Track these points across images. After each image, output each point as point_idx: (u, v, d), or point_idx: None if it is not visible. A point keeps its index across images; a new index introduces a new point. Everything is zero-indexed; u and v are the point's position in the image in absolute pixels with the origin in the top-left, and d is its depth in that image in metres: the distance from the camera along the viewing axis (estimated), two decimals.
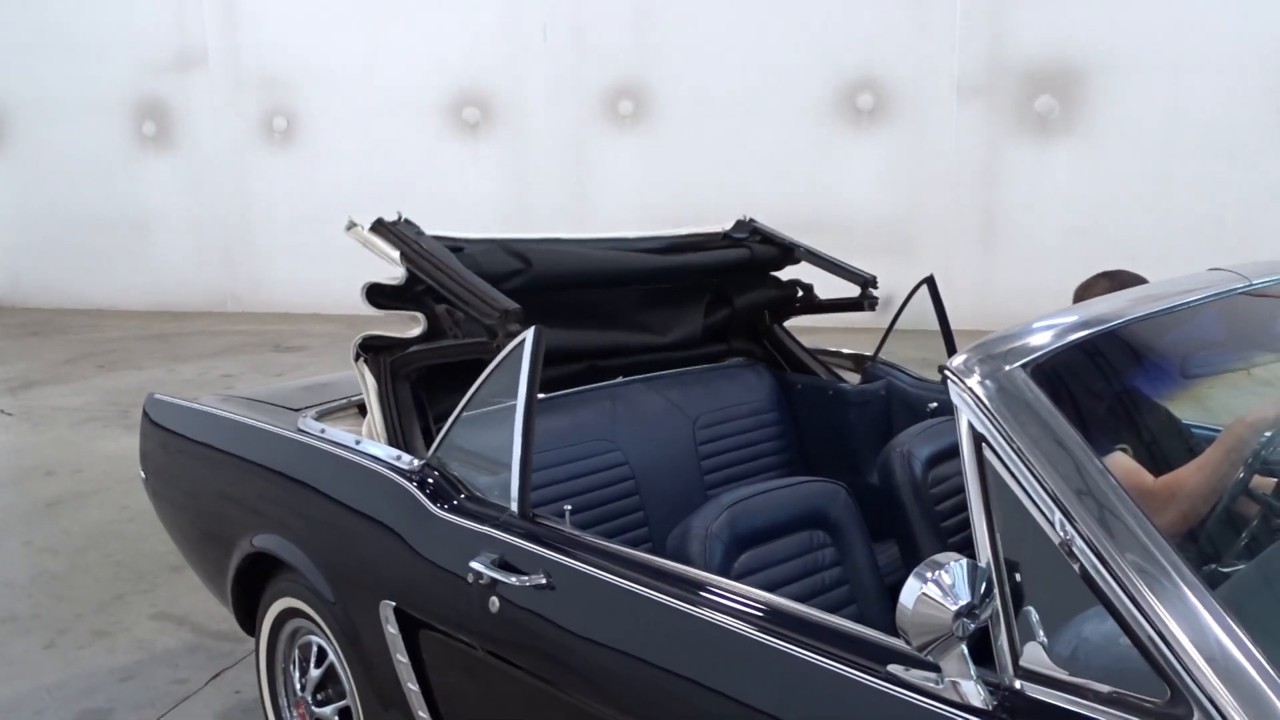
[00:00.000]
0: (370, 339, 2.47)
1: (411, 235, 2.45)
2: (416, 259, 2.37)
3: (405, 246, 2.41)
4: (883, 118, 8.90)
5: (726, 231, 3.17)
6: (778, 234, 3.17)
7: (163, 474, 3.04)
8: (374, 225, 2.49)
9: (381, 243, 2.44)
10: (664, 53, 9.32)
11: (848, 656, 1.45)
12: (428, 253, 2.39)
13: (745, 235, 3.15)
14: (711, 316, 3.08)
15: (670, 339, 2.97)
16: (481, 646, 1.98)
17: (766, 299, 3.18)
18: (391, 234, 2.46)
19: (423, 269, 2.37)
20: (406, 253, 2.39)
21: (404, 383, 2.48)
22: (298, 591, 2.48)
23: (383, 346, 2.47)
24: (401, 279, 2.39)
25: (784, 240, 3.15)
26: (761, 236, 3.16)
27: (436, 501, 2.13)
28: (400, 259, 2.39)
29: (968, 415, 1.40)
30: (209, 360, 8.36)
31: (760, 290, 3.17)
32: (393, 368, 2.46)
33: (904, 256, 8.70)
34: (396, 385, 2.46)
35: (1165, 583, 1.22)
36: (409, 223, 2.52)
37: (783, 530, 2.02)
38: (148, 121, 10.83)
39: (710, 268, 3.02)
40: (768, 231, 3.17)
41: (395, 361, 2.46)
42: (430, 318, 2.42)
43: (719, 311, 3.10)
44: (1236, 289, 1.79)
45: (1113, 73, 8.24)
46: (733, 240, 3.13)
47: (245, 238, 10.79)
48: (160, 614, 3.75)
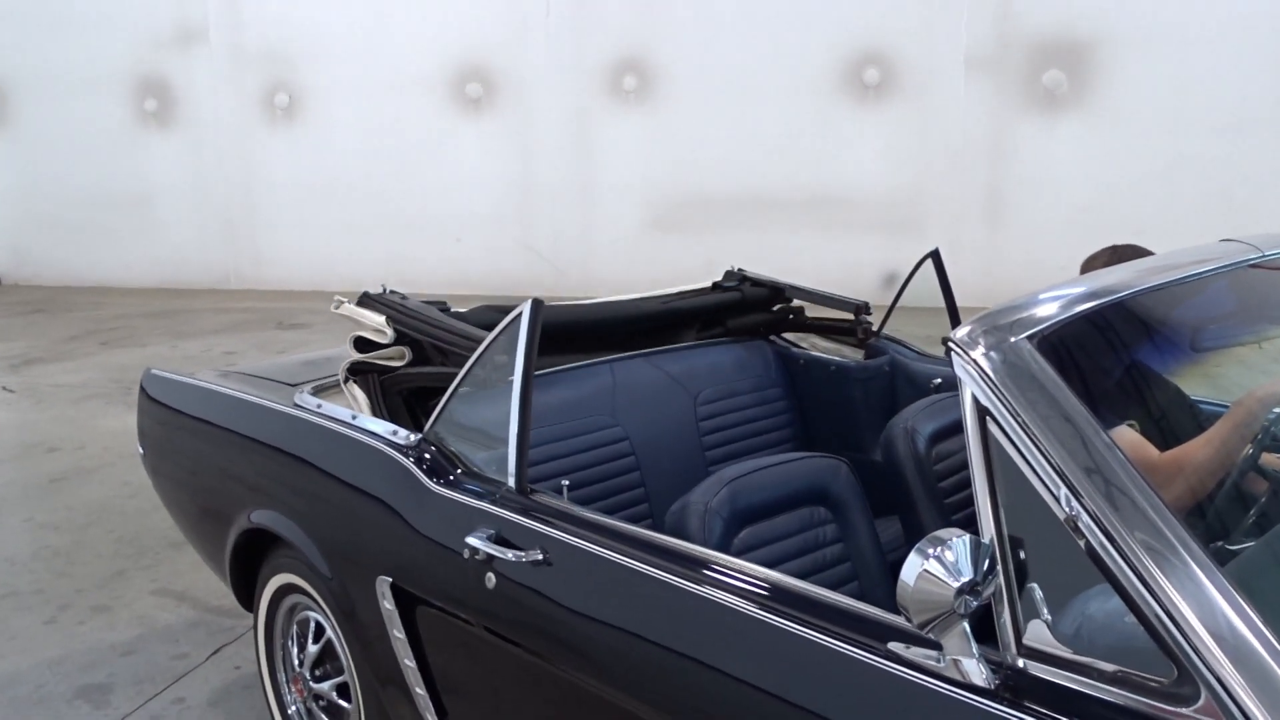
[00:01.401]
0: (359, 364, 2.51)
1: (397, 301, 2.54)
2: (402, 319, 2.47)
3: (390, 311, 2.49)
4: (889, 93, 8.81)
5: (716, 282, 3.19)
6: (767, 278, 3.17)
7: (160, 450, 3.03)
8: (360, 299, 2.58)
9: (368, 314, 2.51)
10: (668, 27, 9.23)
11: (847, 634, 1.42)
12: (413, 312, 2.48)
13: (735, 284, 3.17)
14: (704, 335, 3.10)
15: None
16: (478, 622, 1.96)
17: (759, 320, 3.17)
18: (377, 304, 2.54)
19: (409, 326, 2.45)
20: (392, 316, 2.48)
21: (395, 396, 2.50)
22: (295, 567, 2.47)
23: (372, 370, 2.50)
24: (390, 339, 2.47)
25: (773, 283, 3.15)
26: (751, 282, 3.17)
27: (433, 477, 2.10)
28: (386, 322, 2.47)
29: (971, 388, 1.37)
30: (212, 337, 8.35)
31: (752, 314, 3.16)
32: (382, 385, 2.50)
33: (910, 232, 8.64)
34: (388, 399, 2.51)
35: (1173, 560, 1.19)
36: (394, 292, 2.62)
37: (783, 506, 1.99)
38: (149, 98, 10.77)
39: (703, 309, 3.07)
40: (757, 277, 3.17)
41: (385, 381, 2.49)
42: (416, 351, 2.47)
43: (711, 330, 3.12)
44: (1248, 260, 1.75)
45: (1121, 46, 8.14)
46: (723, 290, 3.15)
47: (248, 214, 10.74)
48: (161, 590, 3.74)
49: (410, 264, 10.20)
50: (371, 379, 2.53)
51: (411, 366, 2.48)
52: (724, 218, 9.25)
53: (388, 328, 2.45)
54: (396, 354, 2.47)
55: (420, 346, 2.48)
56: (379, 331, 2.47)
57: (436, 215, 10.08)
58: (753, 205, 9.16)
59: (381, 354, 2.49)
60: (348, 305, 2.57)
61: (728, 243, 9.18)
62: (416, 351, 2.47)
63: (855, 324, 3.08)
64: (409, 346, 2.49)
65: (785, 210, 9.09)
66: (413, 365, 2.48)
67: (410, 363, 2.47)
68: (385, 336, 2.46)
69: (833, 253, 8.95)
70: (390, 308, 2.50)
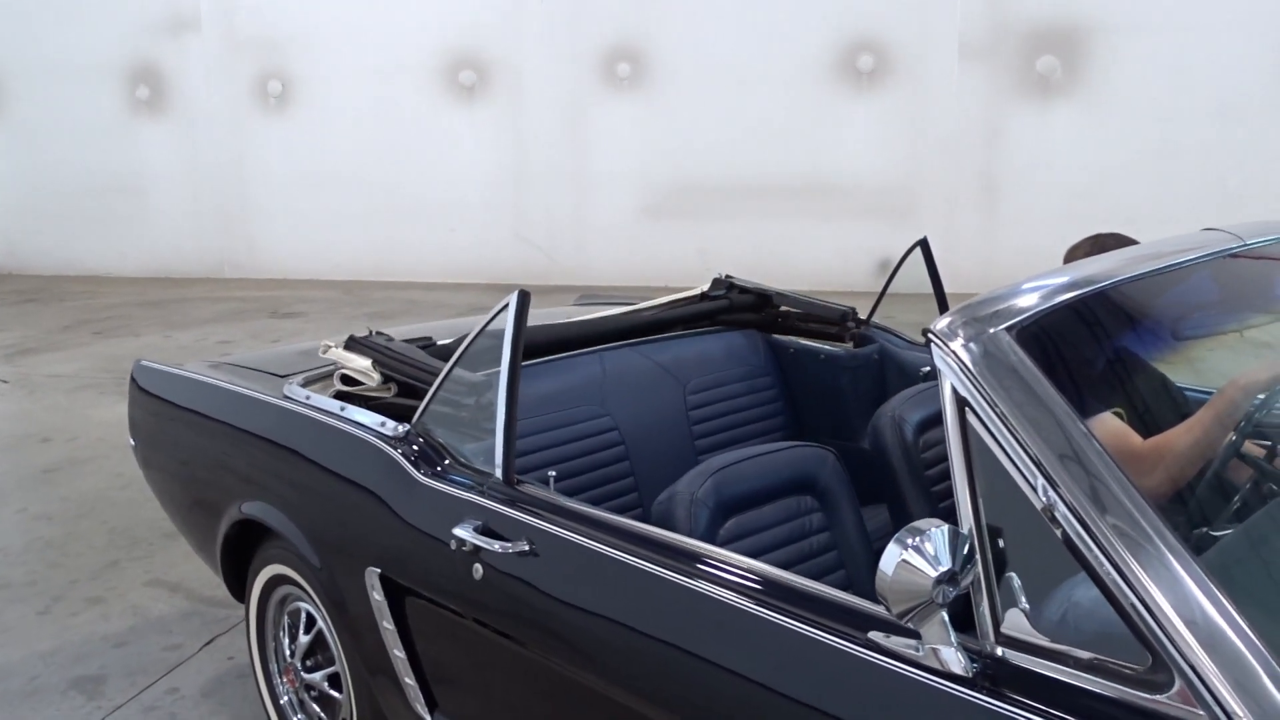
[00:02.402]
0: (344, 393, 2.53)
1: (382, 344, 2.55)
2: (388, 361, 2.48)
3: (376, 354, 2.50)
4: (883, 79, 8.80)
5: (704, 292, 3.20)
6: (755, 285, 3.17)
7: (151, 441, 3.03)
8: (347, 343, 2.59)
9: (355, 358, 2.52)
10: (661, 14, 9.21)
11: (828, 623, 1.43)
12: (399, 355, 2.48)
13: (723, 291, 3.18)
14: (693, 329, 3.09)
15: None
16: (466, 613, 1.97)
17: (746, 319, 3.17)
18: (363, 347, 2.55)
19: (395, 369, 2.46)
20: (378, 359, 2.49)
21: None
22: (286, 558, 2.47)
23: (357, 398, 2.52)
24: (378, 383, 2.48)
25: (761, 290, 3.16)
26: (739, 290, 3.18)
27: (420, 468, 2.11)
28: (372, 366, 2.48)
29: (951, 379, 1.37)
30: (206, 326, 8.34)
31: (740, 314, 3.16)
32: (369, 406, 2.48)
33: (904, 219, 8.65)
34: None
35: (1148, 548, 1.20)
36: (380, 334, 2.64)
37: (770, 495, 2.00)
38: (141, 86, 10.73)
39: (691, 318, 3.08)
40: (745, 285, 3.18)
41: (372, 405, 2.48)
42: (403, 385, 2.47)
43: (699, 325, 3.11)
44: (1230, 249, 1.75)
45: (1115, 33, 8.13)
46: (711, 298, 3.16)
47: (241, 203, 10.72)
48: (154, 580, 3.75)
49: (403, 252, 10.20)
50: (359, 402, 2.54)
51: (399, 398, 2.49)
52: (718, 205, 9.25)
53: (374, 371, 2.46)
54: (384, 389, 2.49)
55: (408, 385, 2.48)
56: (366, 374, 2.48)
57: (430, 203, 10.07)
58: (747, 192, 9.16)
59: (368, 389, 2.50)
60: (335, 349, 2.59)
61: (722, 230, 9.19)
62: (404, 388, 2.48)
63: (842, 330, 3.09)
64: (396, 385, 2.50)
65: (779, 197, 9.09)
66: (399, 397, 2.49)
67: (397, 395, 2.49)
68: (372, 379, 2.47)
69: (827, 239, 8.95)
70: (376, 351, 2.51)
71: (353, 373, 2.51)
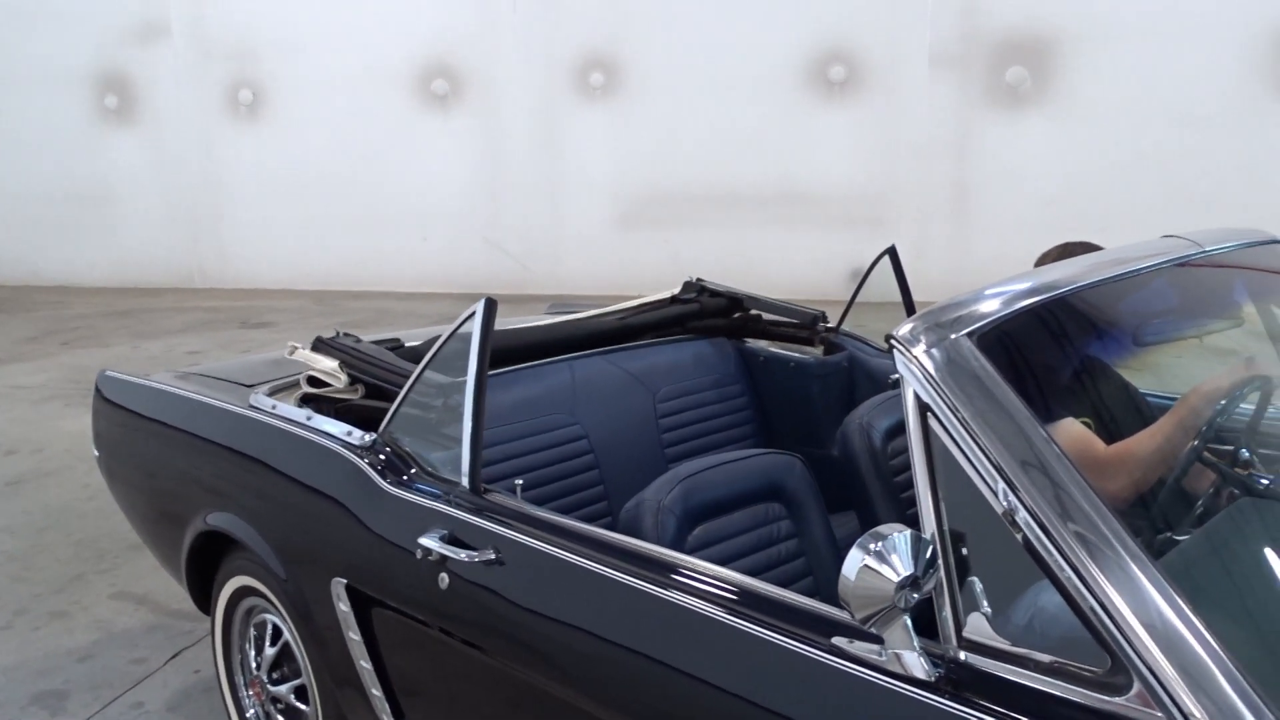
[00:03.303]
0: (311, 395, 2.51)
1: (349, 345, 2.54)
2: (355, 363, 2.47)
3: (344, 356, 2.49)
4: (855, 89, 8.85)
5: (675, 295, 3.20)
6: (725, 288, 3.18)
7: (116, 452, 2.99)
8: (314, 344, 2.58)
9: (322, 359, 2.51)
10: (635, 24, 9.23)
11: (792, 629, 1.43)
12: (367, 356, 2.47)
13: (693, 295, 3.18)
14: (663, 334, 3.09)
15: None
16: (432, 623, 1.96)
17: (717, 324, 3.17)
18: (330, 348, 2.53)
19: (362, 370, 2.45)
20: (345, 361, 2.48)
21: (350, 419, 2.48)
22: (251, 570, 2.45)
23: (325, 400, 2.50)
24: (345, 384, 2.46)
25: (732, 293, 3.16)
26: (710, 293, 3.18)
27: (387, 477, 2.09)
28: (339, 367, 2.47)
29: (913, 385, 1.38)
30: (175, 337, 8.26)
31: (711, 319, 3.16)
32: (337, 412, 2.47)
33: (877, 227, 8.69)
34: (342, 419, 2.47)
35: (1107, 553, 1.21)
36: (348, 335, 2.62)
37: (738, 503, 2.00)
38: (109, 94, 10.64)
39: (661, 322, 3.07)
40: (715, 288, 3.18)
41: (340, 408, 2.47)
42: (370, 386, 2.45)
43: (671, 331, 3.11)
44: (1189, 255, 1.77)
45: (1084, 43, 8.22)
46: (682, 301, 3.16)
47: (212, 212, 10.64)
48: (120, 594, 3.70)
49: (376, 261, 10.15)
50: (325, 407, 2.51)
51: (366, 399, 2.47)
52: (692, 214, 9.27)
53: (341, 372, 2.45)
54: (351, 391, 2.47)
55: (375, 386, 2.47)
56: (333, 375, 2.46)
57: (402, 212, 10.03)
58: (720, 201, 9.18)
59: (335, 390, 2.48)
60: (301, 351, 2.57)
61: (695, 239, 9.20)
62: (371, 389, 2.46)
63: (812, 334, 3.10)
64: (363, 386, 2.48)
65: (753, 206, 9.12)
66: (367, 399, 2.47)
67: (364, 396, 2.47)
68: (340, 381, 2.45)
69: (800, 248, 8.99)
70: (344, 352, 2.50)
71: (320, 374, 2.49)
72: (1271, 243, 2.01)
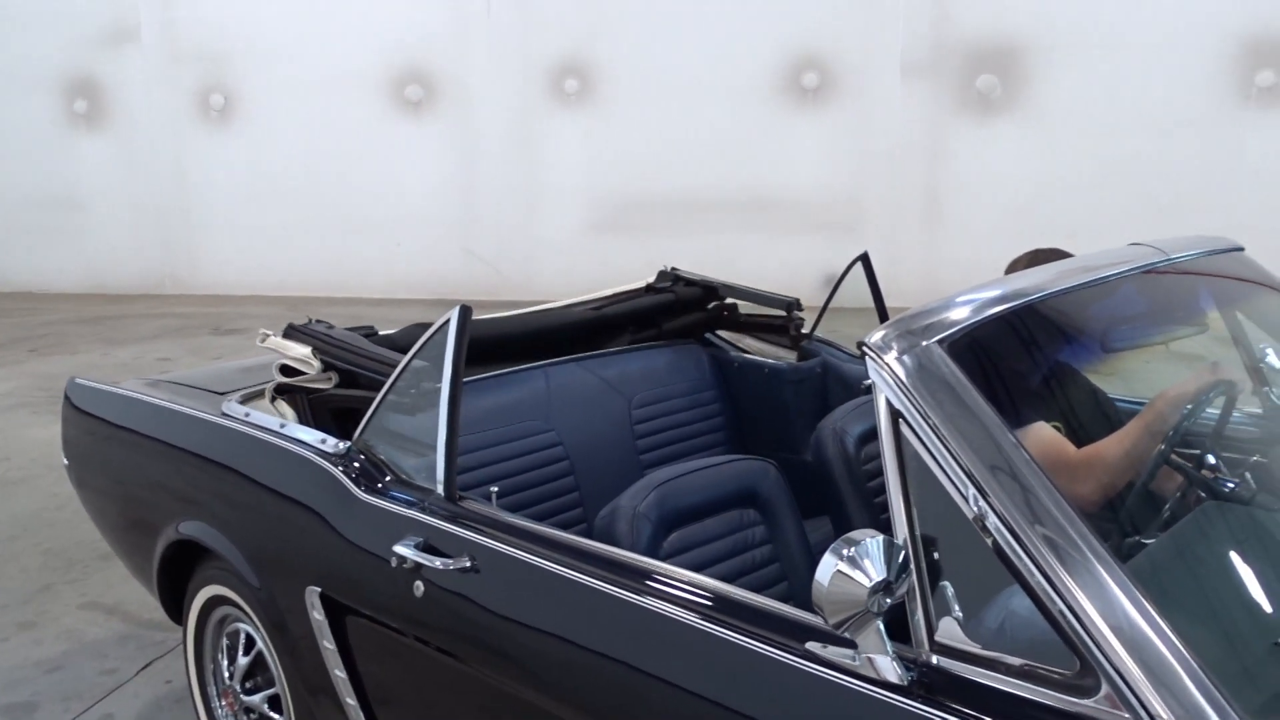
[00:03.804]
0: (285, 385, 2.48)
1: (322, 331, 2.52)
2: (327, 348, 2.45)
3: (316, 342, 2.47)
4: (828, 96, 8.90)
5: (650, 284, 3.21)
6: (700, 277, 3.19)
7: (86, 461, 2.97)
8: (285, 331, 2.56)
9: (294, 345, 2.49)
10: (609, 30, 9.24)
11: (767, 635, 1.44)
12: (339, 342, 2.46)
13: (668, 284, 3.19)
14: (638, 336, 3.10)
15: None
16: (407, 631, 1.95)
17: (693, 320, 3.19)
18: (302, 335, 2.52)
19: (335, 355, 2.43)
20: (318, 347, 2.46)
21: (325, 414, 2.48)
22: (224, 579, 2.43)
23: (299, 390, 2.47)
24: (318, 370, 2.44)
25: (707, 282, 3.17)
26: (685, 282, 3.19)
27: (361, 485, 2.09)
28: (312, 353, 2.45)
29: (885, 392, 1.40)
30: (146, 343, 8.18)
31: (686, 315, 3.18)
32: (311, 404, 2.46)
33: (849, 233, 8.74)
34: (317, 415, 2.48)
35: (1075, 556, 1.23)
36: (320, 321, 2.61)
37: (712, 509, 2.01)
38: (79, 99, 10.53)
39: (636, 313, 3.08)
40: (690, 276, 3.20)
41: (313, 400, 2.46)
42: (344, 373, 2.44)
43: (645, 332, 3.12)
44: (1154, 263, 1.80)
45: (1052, 51, 8.31)
46: (656, 291, 3.17)
47: (183, 218, 10.55)
48: (90, 603, 3.67)
49: (349, 267, 10.10)
50: (300, 398, 2.50)
51: (340, 389, 2.46)
52: (666, 220, 9.28)
53: (314, 358, 2.43)
54: (324, 379, 2.45)
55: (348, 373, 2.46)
56: (305, 362, 2.45)
57: (376, 218, 9.99)
58: (694, 207, 9.21)
59: (308, 378, 2.46)
60: (273, 338, 2.55)
61: (669, 245, 9.20)
62: (345, 376, 2.45)
63: (787, 320, 3.12)
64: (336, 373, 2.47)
65: (727, 212, 9.15)
66: (341, 387, 2.46)
67: (338, 385, 2.45)
68: (312, 368, 2.44)
69: (774, 254, 9.02)
70: (316, 338, 2.48)
71: (292, 361, 2.47)
72: (1235, 250, 2.05)
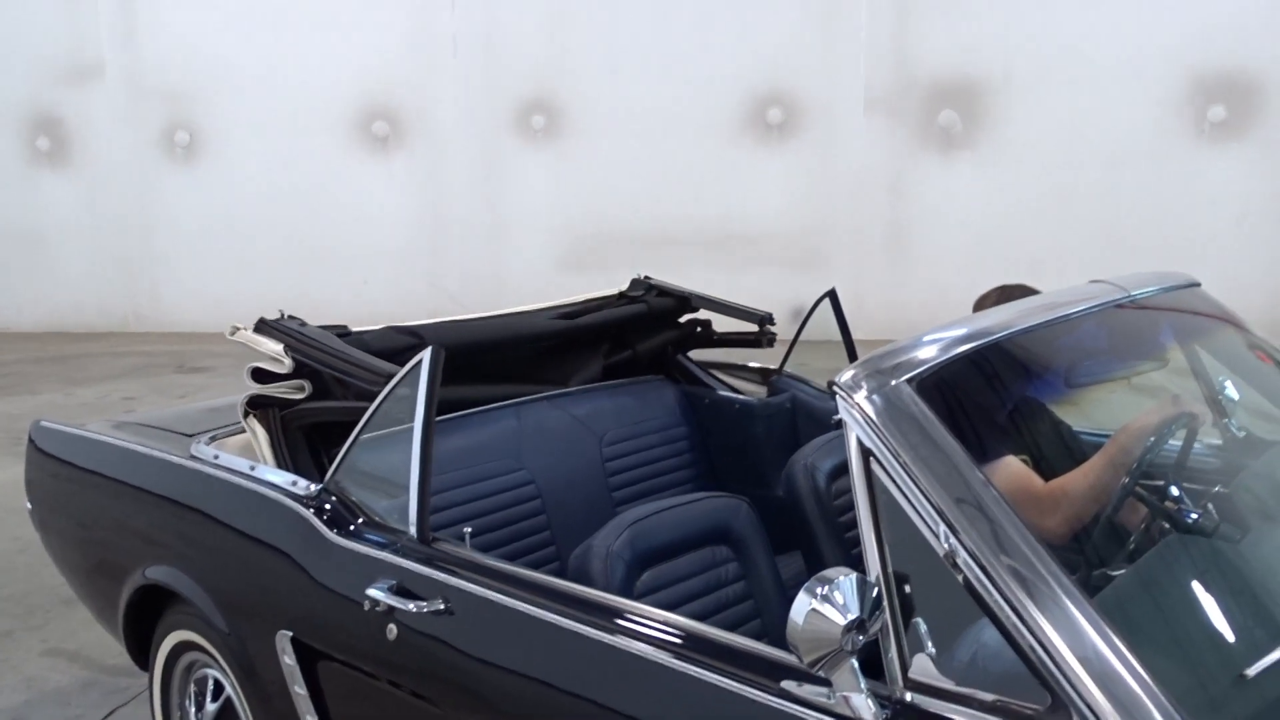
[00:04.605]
0: (258, 398, 2.44)
1: (294, 328, 2.47)
2: (300, 347, 2.40)
3: (289, 339, 2.42)
4: (792, 131, 9.02)
5: (623, 292, 3.22)
6: (673, 287, 3.21)
7: (50, 504, 2.93)
8: (257, 325, 2.51)
9: (265, 341, 2.45)
10: (575, 67, 9.32)
11: (740, 673, 1.45)
12: (312, 340, 2.41)
13: (641, 293, 3.19)
14: (612, 359, 3.10)
15: (572, 386, 2.97)
16: (381, 675, 1.94)
17: (666, 339, 3.20)
18: (274, 330, 2.47)
19: (308, 355, 2.39)
20: (290, 344, 2.41)
21: (296, 432, 2.45)
22: (192, 624, 2.40)
23: (272, 404, 2.44)
24: (289, 369, 2.40)
25: (680, 292, 3.19)
26: (658, 291, 3.19)
27: (333, 527, 2.08)
28: (284, 351, 2.40)
29: (855, 430, 1.42)
30: (109, 382, 8.08)
31: (660, 334, 3.19)
32: (283, 421, 2.43)
33: (814, 268, 8.83)
34: (289, 434, 2.44)
35: (1044, 590, 1.25)
36: (292, 318, 2.56)
37: (685, 547, 2.02)
38: (41, 136, 10.45)
39: (608, 325, 3.07)
40: (664, 286, 3.21)
41: (286, 416, 2.44)
42: (318, 384, 2.42)
43: (619, 355, 3.13)
44: (1116, 300, 1.84)
45: (1011, 89, 8.48)
46: (629, 299, 3.17)
47: (147, 255, 10.46)
48: (52, 650, 3.60)
49: (316, 304, 10.01)
50: (272, 414, 2.45)
51: (312, 400, 2.42)
52: (632, 255, 9.31)
53: (285, 356, 2.37)
54: (296, 387, 2.41)
55: (320, 378, 2.42)
56: (276, 360, 2.39)
57: (343, 255, 9.95)
58: (661, 242, 9.26)
59: (281, 386, 2.41)
60: (244, 332, 2.49)
61: None
62: (316, 383, 2.41)
63: (760, 334, 3.14)
64: (309, 379, 2.42)
65: (693, 247, 9.21)
66: (314, 399, 2.42)
67: (311, 395, 2.41)
68: (283, 366, 2.38)
69: (740, 287, 9.00)
70: (288, 335, 2.42)
71: (264, 363, 2.41)
72: (1192, 285, 2.10)
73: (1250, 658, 1.32)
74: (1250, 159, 8.07)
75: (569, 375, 2.98)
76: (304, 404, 2.43)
